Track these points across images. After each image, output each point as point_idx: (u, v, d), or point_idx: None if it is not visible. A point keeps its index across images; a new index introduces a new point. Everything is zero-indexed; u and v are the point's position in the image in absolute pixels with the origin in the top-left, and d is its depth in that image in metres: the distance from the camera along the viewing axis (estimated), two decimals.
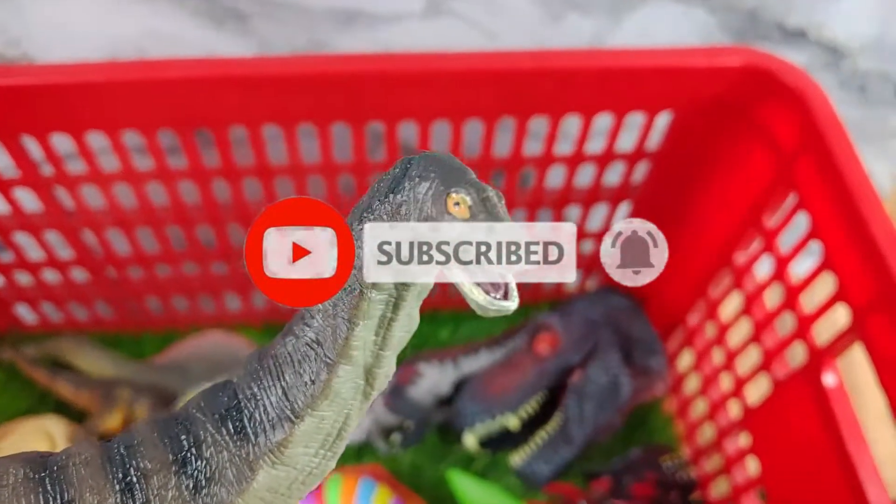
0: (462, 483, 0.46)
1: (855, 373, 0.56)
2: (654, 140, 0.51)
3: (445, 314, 0.66)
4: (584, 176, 0.52)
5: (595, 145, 0.50)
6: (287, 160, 0.47)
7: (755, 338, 0.49)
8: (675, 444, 0.60)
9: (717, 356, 0.55)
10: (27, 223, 0.50)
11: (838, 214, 0.40)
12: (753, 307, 0.49)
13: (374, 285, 0.18)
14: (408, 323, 0.19)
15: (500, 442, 0.57)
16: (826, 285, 0.43)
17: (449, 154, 0.17)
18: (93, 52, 0.50)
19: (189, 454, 0.19)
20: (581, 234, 0.59)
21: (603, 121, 0.48)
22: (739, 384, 0.52)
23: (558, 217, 0.56)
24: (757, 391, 0.50)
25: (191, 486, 0.19)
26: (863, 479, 0.39)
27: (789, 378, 0.46)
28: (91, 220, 0.50)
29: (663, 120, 0.49)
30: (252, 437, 0.18)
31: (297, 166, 0.48)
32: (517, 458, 0.56)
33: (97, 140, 0.45)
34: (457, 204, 0.16)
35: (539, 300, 0.66)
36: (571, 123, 0.48)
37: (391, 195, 0.17)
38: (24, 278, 0.56)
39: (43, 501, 0.19)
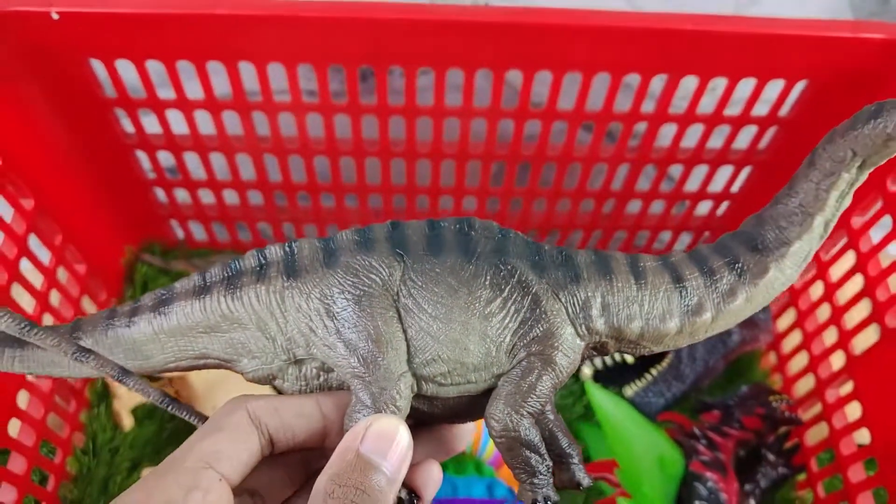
0: (599, 395, 0.52)
1: None
2: (784, 109, 0.56)
3: None
4: (716, 138, 0.58)
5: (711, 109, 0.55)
6: (433, 102, 0.53)
7: (868, 293, 0.54)
8: None
9: (822, 313, 0.60)
10: (225, 144, 0.57)
11: None
12: (868, 265, 0.54)
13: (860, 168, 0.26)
14: (849, 202, 0.27)
15: (611, 377, 0.63)
16: None
17: None
18: None
19: (721, 264, 0.27)
20: (702, 195, 0.64)
21: (728, 85, 0.53)
22: (845, 336, 0.57)
23: (686, 175, 0.61)
24: (861, 343, 0.55)
25: (732, 279, 0.27)
26: None
27: None
28: (279, 145, 0.57)
29: (796, 88, 0.54)
30: (765, 253, 0.27)
31: (439, 108, 0.54)
32: (630, 391, 0.62)
33: (301, 73, 0.52)
34: None
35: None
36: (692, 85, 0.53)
37: (872, 121, 0.25)
38: (206, 197, 0.63)
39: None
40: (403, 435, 0.24)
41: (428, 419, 0.28)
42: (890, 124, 0.25)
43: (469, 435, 0.30)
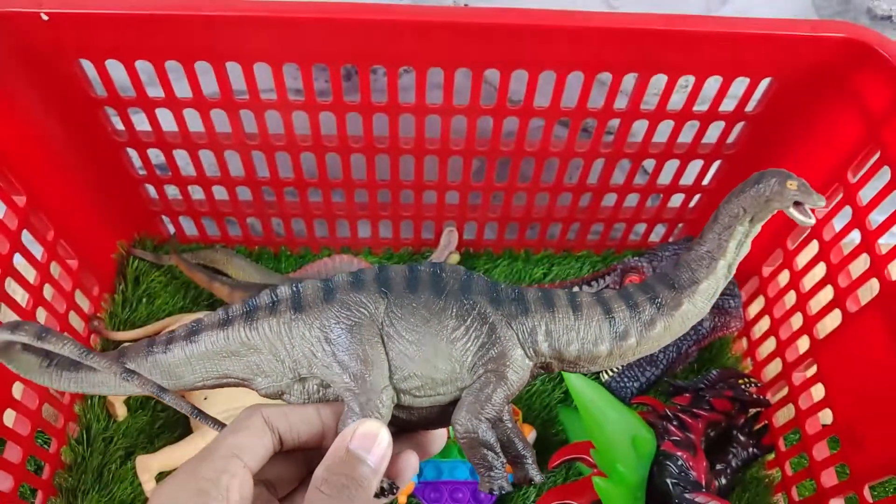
0: (576, 380, 0.55)
1: None
2: (751, 105, 0.58)
3: (540, 256, 0.74)
4: (687, 133, 0.60)
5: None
6: (414, 100, 0.55)
7: (830, 279, 0.57)
8: None
9: (789, 299, 0.63)
10: (214, 141, 0.59)
11: None
12: (830, 253, 0.57)
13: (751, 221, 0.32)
14: (747, 249, 0.33)
15: None
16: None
17: (782, 170, 0.31)
18: None
19: (643, 299, 0.33)
20: (674, 188, 0.66)
21: (695, 83, 0.55)
22: (809, 321, 0.59)
23: (659, 169, 0.63)
24: (824, 328, 0.58)
25: (653, 311, 0.33)
26: None
27: (861, 310, 0.53)
28: (266, 142, 0.59)
29: (761, 86, 0.56)
30: (680, 290, 0.33)
31: (421, 106, 0.56)
32: (606, 376, 0.64)
33: (287, 73, 0.53)
34: (791, 184, 0.30)
35: (626, 248, 0.74)
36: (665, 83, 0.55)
37: (755, 185, 0.31)
38: (196, 193, 0.65)
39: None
40: (384, 435, 0.30)
41: (406, 426, 0.34)
42: (768, 189, 0.31)
43: (442, 440, 0.35)
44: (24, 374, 0.32)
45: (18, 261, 0.54)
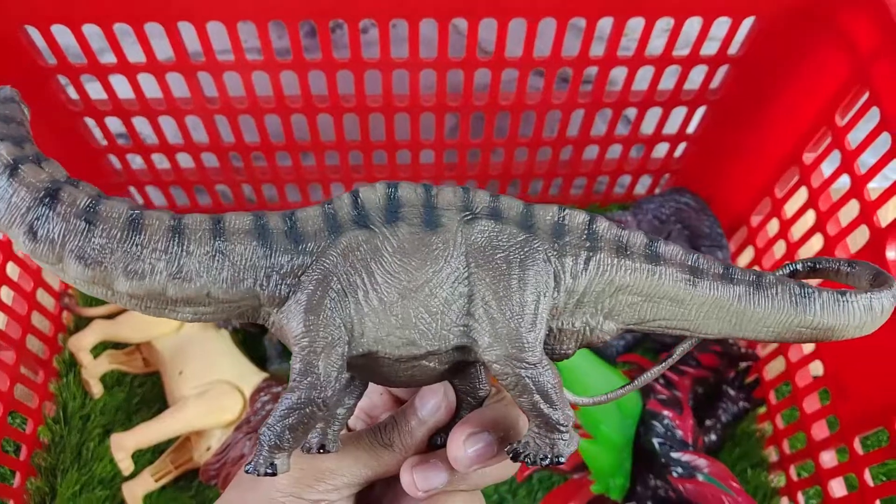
0: None
1: None
2: (734, 47, 0.55)
3: None
4: (668, 80, 0.57)
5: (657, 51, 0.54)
6: (378, 55, 0.53)
7: (819, 227, 0.55)
8: None
9: (779, 249, 0.61)
10: (173, 107, 0.56)
11: None
12: (819, 200, 0.55)
13: None
14: None
15: None
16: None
17: None
18: None
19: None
20: (658, 137, 0.64)
21: (674, 25, 0.52)
22: None
23: (641, 118, 0.61)
24: (814, 279, 0.56)
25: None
26: None
27: (852, 258, 0.51)
28: (227, 106, 0.57)
29: (743, 26, 0.53)
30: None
31: (386, 61, 0.53)
32: None
33: (246, 31, 0.51)
34: None
35: (611, 202, 0.71)
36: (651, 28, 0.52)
37: None
38: (161, 162, 0.63)
39: None
40: None
41: None
42: None
43: None
44: None
45: None
